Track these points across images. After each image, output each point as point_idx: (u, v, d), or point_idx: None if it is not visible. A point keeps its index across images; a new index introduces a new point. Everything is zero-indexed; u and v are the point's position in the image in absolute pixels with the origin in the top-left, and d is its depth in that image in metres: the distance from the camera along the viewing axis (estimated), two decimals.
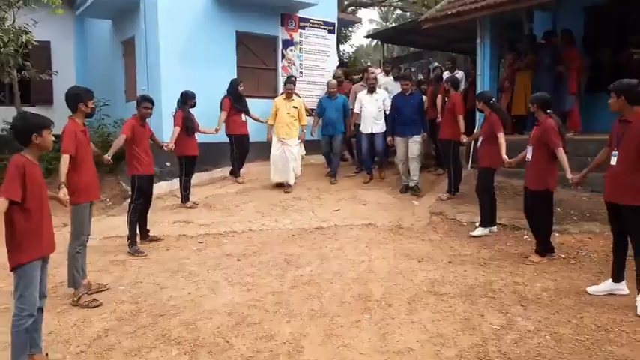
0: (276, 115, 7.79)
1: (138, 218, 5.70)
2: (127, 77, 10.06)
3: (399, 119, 7.71)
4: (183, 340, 3.44)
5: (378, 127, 8.16)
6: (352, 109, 8.53)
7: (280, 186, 7.90)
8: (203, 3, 8.87)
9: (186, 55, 8.60)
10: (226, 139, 8.15)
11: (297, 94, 8.43)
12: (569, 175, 4.43)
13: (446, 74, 8.98)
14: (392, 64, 10.90)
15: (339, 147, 8.46)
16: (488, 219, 5.79)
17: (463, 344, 3.29)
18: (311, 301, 4.04)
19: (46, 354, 3.17)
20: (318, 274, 4.66)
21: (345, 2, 18.38)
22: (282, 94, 8.28)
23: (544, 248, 4.95)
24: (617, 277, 4.03)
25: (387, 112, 8.15)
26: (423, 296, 4.10)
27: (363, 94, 8.29)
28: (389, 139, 7.89)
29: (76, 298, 4.06)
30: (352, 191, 7.83)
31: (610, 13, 8.10)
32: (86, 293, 4.14)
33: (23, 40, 8.51)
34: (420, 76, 12.13)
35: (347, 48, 22.68)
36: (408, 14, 22.71)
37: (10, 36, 8.51)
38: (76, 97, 4.18)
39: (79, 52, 11.75)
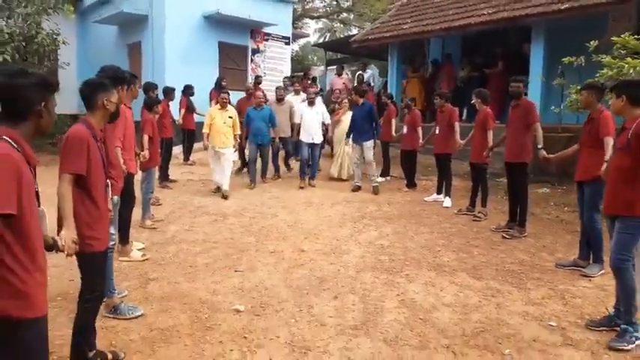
0: (211, 124, 7.93)
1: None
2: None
3: (354, 127, 8.51)
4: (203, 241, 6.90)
5: (318, 137, 9.01)
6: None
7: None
8: (196, 20, 12.24)
9: (183, 57, 11.92)
10: None
11: (263, 92, 9.45)
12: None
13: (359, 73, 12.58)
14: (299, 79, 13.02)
15: (267, 155, 9.01)
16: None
17: (354, 214, 6.96)
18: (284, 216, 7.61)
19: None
20: (282, 208, 8.22)
21: (298, 13, 21.99)
22: (216, 104, 8.46)
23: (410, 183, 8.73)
24: (439, 191, 7.83)
25: (326, 123, 9.46)
26: (340, 203, 7.78)
27: (303, 107, 9.16)
28: (346, 139, 8.73)
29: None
30: (306, 197, 8.19)
31: (471, 41, 12.18)
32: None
33: (59, 41, 11.48)
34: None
35: (295, 47, 26.52)
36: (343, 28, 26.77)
37: (46, 37, 11.43)
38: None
39: (80, 51, 14.55)
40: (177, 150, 11.03)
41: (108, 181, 3.02)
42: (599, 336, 3.45)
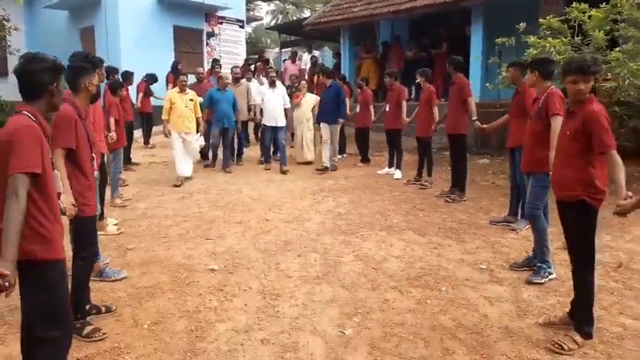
0: (171, 109, 7.53)
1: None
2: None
3: (322, 108, 8.77)
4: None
5: (281, 120, 8.78)
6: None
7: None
8: (150, 3, 12.28)
9: (138, 42, 11.99)
10: None
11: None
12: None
13: (306, 55, 13.02)
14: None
15: (230, 139, 8.67)
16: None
17: (314, 187, 7.49)
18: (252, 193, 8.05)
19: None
20: (251, 190, 8.65)
21: None
22: (174, 87, 8.20)
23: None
24: (390, 165, 8.46)
25: (286, 107, 9.00)
26: (300, 179, 8.29)
27: (265, 88, 9.10)
28: (315, 124, 9.03)
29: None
30: (267, 175, 8.51)
31: (418, 24, 12.84)
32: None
33: (9, 27, 11.28)
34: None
35: (248, 29, 26.62)
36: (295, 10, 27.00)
37: None
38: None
39: (30, 37, 14.20)
40: (137, 134, 11.19)
41: (93, 155, 3.40)
42: (520, 274, 4.15)
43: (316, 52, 13.70)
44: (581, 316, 3.08)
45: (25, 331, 2.35)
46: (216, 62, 12.22)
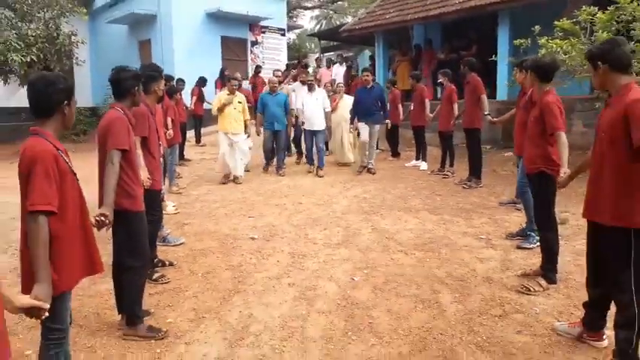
0: (221, 110, 7.84)
1: None
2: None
3: (360, 110, 8.35)
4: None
5: (320, 124, 8.63)
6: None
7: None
8: (200, 17, 13.54)
9: (189, 52, 13.22)
10: None
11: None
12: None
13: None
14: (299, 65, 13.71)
15: (282, 141, 8.70)
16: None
17: (344, 177, 8.27)
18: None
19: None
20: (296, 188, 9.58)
21: (292, 5, 23.21)
22: (225, 89, 8.48)
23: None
24: (417, 157, 9.13)
25: (326, 110, 8.86)
26: (334, 173, 9.10)
27: (304, 93, 8.81)
28: (351, 126, 8.68)
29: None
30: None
31: (449, 27, 13.42)
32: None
33: (77, 41, 12.78)
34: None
35: (292, 36, 27.89)
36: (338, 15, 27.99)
37: (65, 38, 12.73)
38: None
39: (93, 49, 15.81)
40: (190, 134, 12.38)
41: (160, 142, 4.37)
42: (513, 243, 4.81)
43: (352, 57, 14.44)
44: (546, 267, 3.75)
45: (115, 264, 3.31)
46: (257, 68, 13.33)
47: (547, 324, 3.21)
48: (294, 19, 30.39)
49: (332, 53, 23.15)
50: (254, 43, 14.88)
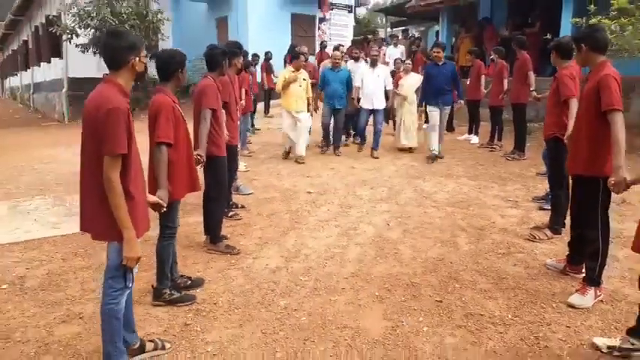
0: (285, 87, 7.74)
1: None
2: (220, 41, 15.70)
3: (431, 89, 7.77)
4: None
5: (380, 103, 8.24)
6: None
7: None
8: None
9: (262, 28, 14.25)
10: None
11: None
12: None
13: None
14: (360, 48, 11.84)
15: (341, 120, 8.43)
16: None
17: (395, 150, 8.99)
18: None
19: None
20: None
21: None
22: (290, 66, 8.47)
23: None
24: (469, 132, 9.63)
25: (387, 88, 8.36)
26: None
27: (365, 69, 8.39)
28: (420, 108, 8.27)
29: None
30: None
31: (515, 4, 13.44)
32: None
33: (165, 18, 14.18)
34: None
35: (362, 11, 28.33)
36: None
37: (151, 16, 14.12)
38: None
39: (175, 25, 17.21)
40: (260, 106, 13.52)
41: (237, 107, 5.36)
42: (537, 204, 5.41)
43: (415, 33, 14.80)
44: (554, 220, 4.39)
45: (205, 195, 4.34)
46: (322, 43, 14.10)
47: (541, 262, 3.91)
48: None
49: (401, 28, 23.47)
50: (322, 20, 15.66)
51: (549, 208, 5.15)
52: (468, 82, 9.48)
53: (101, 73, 3.04)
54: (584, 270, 3.52)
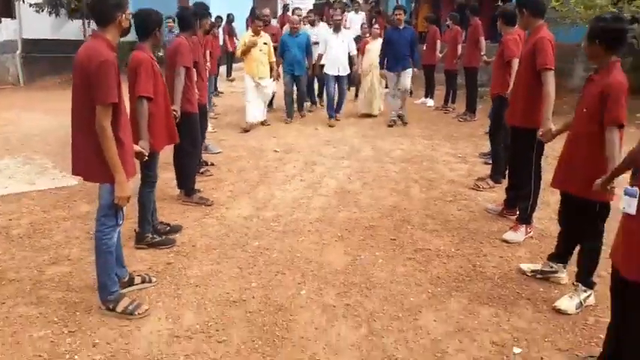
0: (246, 52, 7.49)
1: None
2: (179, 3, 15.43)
3: (390, 53, 7.73)
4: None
5: (344, 68, 8.19)
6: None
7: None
8: None
9: None
10: None
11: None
12: None
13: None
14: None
15: (304, 86, 8.38)
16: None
17: (355, 113, 9.38)
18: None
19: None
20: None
21: None
22: (248, 30, 8.07)
23: None
24: (426, 95, 10.11)
25: (352, 54, 8.37)
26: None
27: (329, 34, 8.28)
28: (381, 71, 8.00)
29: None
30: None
31: None
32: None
33: None
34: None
35: None
36: None
37: None
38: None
39: None
40: (222, 69, 13.55)
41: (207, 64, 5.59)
42: (483, 159, 5.95)
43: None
44: (494, 170, 4.94)
45: (177, 149, 4.59)
46: (285, 7, 14.13)
47: (483, 207, 4.45)
48: None
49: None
50: None
51: (490, 162, 5.74)
52: (424, 48, 9.89)
53: (56, 34, 3.24)
54: (518, 211, 4.07)
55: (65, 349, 2.57)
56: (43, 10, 13.66)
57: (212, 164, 5.78)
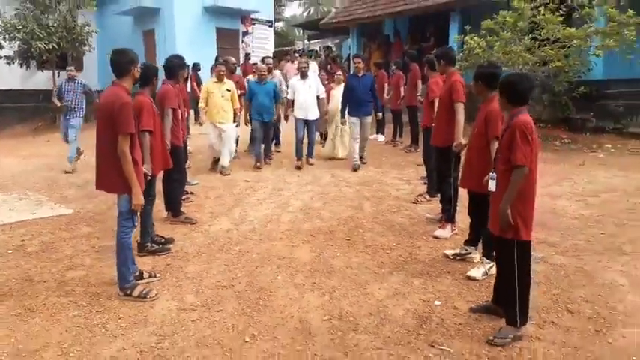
0: (208, 99, 7.57)
1: None
2: (147, 58, 16.38)
3: (352, 99, 7.85)
4: None
5: (313, 113, 8.24)
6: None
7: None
8: (198, 10, 15.55)
9: (189, 41, 15.21)
10: None
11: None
12: None
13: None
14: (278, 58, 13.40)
15: (271, 133, 8.58)
16: None
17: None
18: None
19: None
20: None
21: None
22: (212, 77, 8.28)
23: None
24: (377, 132, 11.34)
25: (320, 97, 8.38)
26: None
27: (295, 80, 8.38)
28: (342, 120, 8.17)
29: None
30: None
31: (415, 21, 15.57)
32: None
33: (92, 30, 14.72)
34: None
35: (280, 24, 30.08)
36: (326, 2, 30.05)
37: (78, 29, 14.62)
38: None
39: (101, 37, 17.58)
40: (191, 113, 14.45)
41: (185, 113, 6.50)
42: (421, 181, 7.04)
43: (332, 45, 16.47)
44: (429, 187, 6.00)
45: (167, 177, 5.43)
46: (247, 56, 15.35)
47: (421, 215, 5.48)
48: (283, 7, 32.43)
49: (318, 41, 25.30)
50: (245, 34, 16.90)
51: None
52: None
53: (26, 85, 4.10)
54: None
55: (97, 322, 3.34)
56: (14, 62, 14.33)
57: (192, 193, 6.62)
